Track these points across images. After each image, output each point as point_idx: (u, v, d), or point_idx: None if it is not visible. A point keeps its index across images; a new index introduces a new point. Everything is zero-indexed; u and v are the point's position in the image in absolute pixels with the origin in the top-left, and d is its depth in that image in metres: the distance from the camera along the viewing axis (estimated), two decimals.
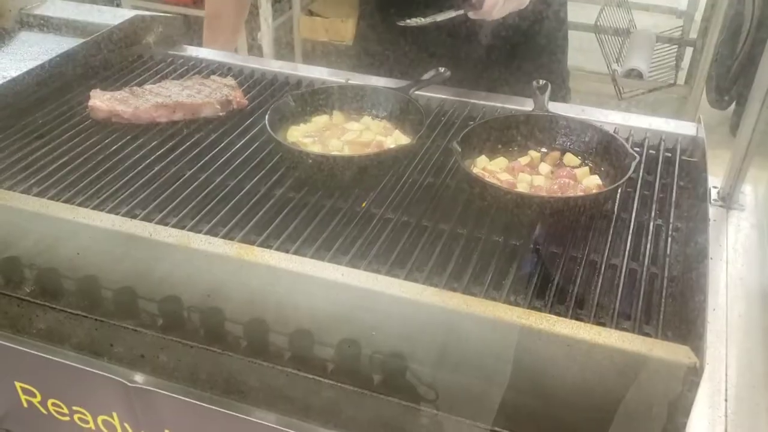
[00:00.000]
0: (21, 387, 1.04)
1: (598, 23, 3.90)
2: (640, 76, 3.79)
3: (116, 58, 1.58)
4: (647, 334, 0.91)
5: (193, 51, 1.69)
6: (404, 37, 1.57)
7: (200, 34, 1.79)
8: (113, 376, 0.95)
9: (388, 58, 1.61)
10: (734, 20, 3.74)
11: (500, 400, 0.87)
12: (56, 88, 1.44)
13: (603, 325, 0.91)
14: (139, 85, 1.45)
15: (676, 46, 4.26)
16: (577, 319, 0.92)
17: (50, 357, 0.98)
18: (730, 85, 3.88)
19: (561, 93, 1.61)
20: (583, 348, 0.78)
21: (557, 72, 1.61)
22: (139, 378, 0.98)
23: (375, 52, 1.64)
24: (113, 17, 1.67)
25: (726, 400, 0.93)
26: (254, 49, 3.92)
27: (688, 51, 4.26)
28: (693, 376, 0.75)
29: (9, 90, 1.36)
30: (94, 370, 0.97)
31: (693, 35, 4.32)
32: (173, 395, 0.94)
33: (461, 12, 1.30)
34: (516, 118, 1.25)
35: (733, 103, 3.98)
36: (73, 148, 1.27)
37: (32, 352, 1.00)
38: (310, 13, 4.38)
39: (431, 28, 1.35)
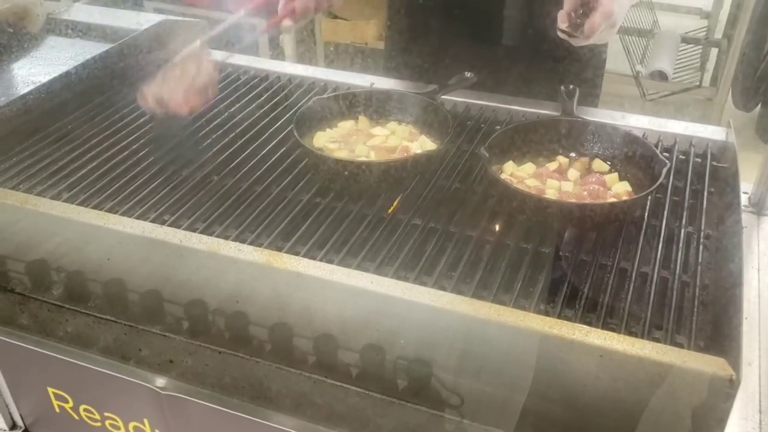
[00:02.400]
0: (53, 392, 1.05)
1: (622, 24, 3.86)
2: (664, 77, 3.75)
3: (144, 62, 1.59)
4: (679, 344, 0.90)
5: (217, 55, 1.69)
6: (435, 41, 1.57)
7: (222, 37, 1.79)
8: (145, 383, 0.96)
9: (419, 62, 1.60)
10: (760, 21, 3.68)
11: (530, 410, 0.87)
12: (84, 93, 1.45)
13: (634, 334, 0.91)
14: None
15: (701, 47, 4.21)
16: (608, 328, 0.92)
17: (83, 363, 0.99)
18: (756, 86, 3.83)
19: (590, 99, 1.59)
20: (615, 359, 0.77)
21: (592, 79, 1.59)
22: (169, 384, 0.98)
23: (405, 56, 1.63)
24: (139, 22, 1.68)
25: (760, 412, 0.92)
26: (276, 52, 3.93)
27: (713, 52, 4.20)
28: (729, 388, 0.73)
29: (39, 95, 1.37)
30: (127, 377, 0.98)
31: (718, 36, 4.27)
32: (204, 403, 0.95)
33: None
34: (544, 123, 1.24)
35: (759, 105, 3.92)
36: (101, 153, 1.28)
37: (65, 358, 1.01)
38: (333, 16, 4.39)
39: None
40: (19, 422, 1.21)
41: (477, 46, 1.54)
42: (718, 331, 0.91)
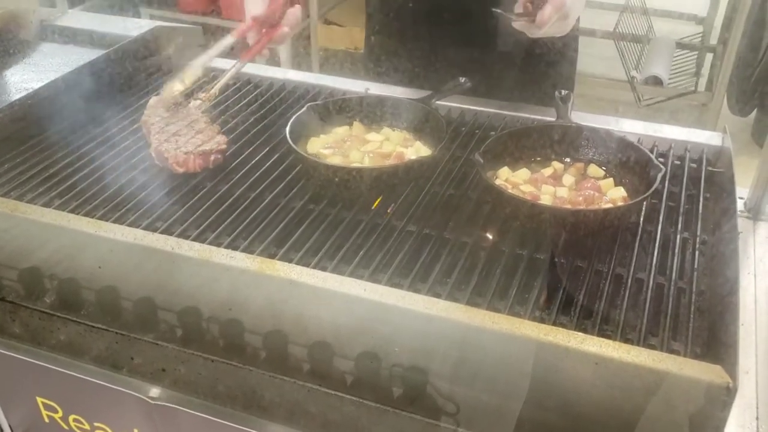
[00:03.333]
0: (43, 402, 1.04)
1: (617, 30, 3.87)
2: (659, 83, 3.75)
3: (137, 69, 1.59)
4: (675, 351, 0.89)
5: (212, 62, 1.68)
6: (413, 45, 1.57)
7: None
8: (135, 393, 0.95)
9: (398, 66, 1.60)
10: (755, 26, 3.69)
11: (526, 418, 0.86)
12: (77, 100, 1.44)
13: (630, 341, 0.90)
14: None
15: (696, 52, 4.21)
16: (604, 335, 0.91)
17: (73, 373, 0.98)
18: (751, 91, 3.84)
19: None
20: (611, 366, 0.77)
21: (567, 80, 1.59)
22: (160, 394, 0.97)
23: (385, 60, 1.63)
24: (133, 28, 1.67)
25: (757, 419, 0.91)
26: (271, 58, 3.92)
27: (708, 57, 4.21)
28: (726, 396, 0.73)
29: (31, 102, 1.36)
30: (117, 387, 0.96)
31: (713, 42, 4.27)
32: (195, 413, 0.94)
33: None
34: (539, 129, 1.24)
35: (754, 110, 3.93)
36: (93, 160, 1.27)
37: (55, 368, 1.00)
38: (327, 22, 4.39)
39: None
40: None
41: (471, 52, 1.54)
42: (714, 337, 0.90)
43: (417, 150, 1.26)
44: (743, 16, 3.39)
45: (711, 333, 0.92)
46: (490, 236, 1.09)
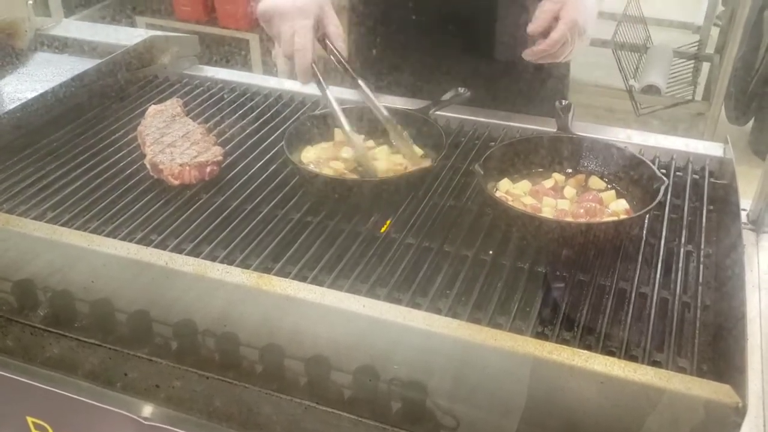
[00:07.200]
0: (33, 422, 1.02)
1: (615, 39, 3.87)
2: (657, 91, 3.75)
3: (131, 78, 1.57)
4: (681, 368, 0.88)
5: (207, 71, 1.67)
6: (427, 57, 1.55)
7: (213, 53, 1.77)
8: (127, 413, 0.92)
9: (398, 79, 1.58)
10: (752, 35, 3.69)
11: None
12: (71, 110, 1.43)
13: (634, 357, 0.88)
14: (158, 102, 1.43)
15: (693, 61, 4.22)
16: (608, 351, 0.89)
17: (63, 392, 0.96)
18: (748, 100, 3.84)
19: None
20: (617, 385, 0.75)
21: (560, 88, 1.57)
22: (153, 413, 0.95)
23: (385, 71, 1.61)
24: (128, 37, 1.66)
25: None
26: (268, 68, 3.91)
27: (705, 66, 4.22)
28: (736, 417, 0.71)
29: (24, 112, 1.35)
30: (109, 407, 0.94)
31: (710, 50, 4.28)
32: None
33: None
34: (539, 140, 1.22)
35: (752, 119, 3.93)
36: (87, 171, 1.25)
37: (45, 387, 0.98)
38: None
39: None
40: None
41: (471, 62, 1.52)
42: (721, 354, 0.88)
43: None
44: (740, 25, 3.39)
45: (717, 349, 0.90)
46: (490, 249, 1.07)
